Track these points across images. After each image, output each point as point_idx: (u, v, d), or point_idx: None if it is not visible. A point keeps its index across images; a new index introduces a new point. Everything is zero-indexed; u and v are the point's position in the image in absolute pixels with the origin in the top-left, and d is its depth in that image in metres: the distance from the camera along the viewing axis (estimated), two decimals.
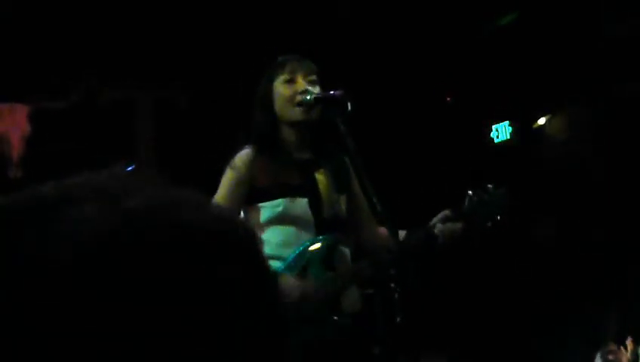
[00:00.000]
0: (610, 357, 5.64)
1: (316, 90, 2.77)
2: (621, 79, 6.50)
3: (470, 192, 2.81)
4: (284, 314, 0.59)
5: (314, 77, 2.81)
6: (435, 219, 2.80)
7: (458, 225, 2.77)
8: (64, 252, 0.50)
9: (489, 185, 2.84)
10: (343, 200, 2.87)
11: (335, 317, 2.69)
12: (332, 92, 2.72)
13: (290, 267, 2.71)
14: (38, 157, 6.12)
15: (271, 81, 2.83)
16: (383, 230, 2.91)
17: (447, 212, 2.80)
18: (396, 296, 2.49)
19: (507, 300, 7.11)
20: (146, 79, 6.42)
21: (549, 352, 6.75)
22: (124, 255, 0.51)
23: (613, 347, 5.64)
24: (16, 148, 6.13)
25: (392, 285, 2.51)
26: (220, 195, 2.75)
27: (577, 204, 6.92)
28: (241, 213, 2.82)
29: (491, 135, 7.65)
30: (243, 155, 2.80)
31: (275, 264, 2.71)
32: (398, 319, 2.47)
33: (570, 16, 6.36)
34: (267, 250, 2.71)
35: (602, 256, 6.70)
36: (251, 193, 2.77)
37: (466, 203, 2.81)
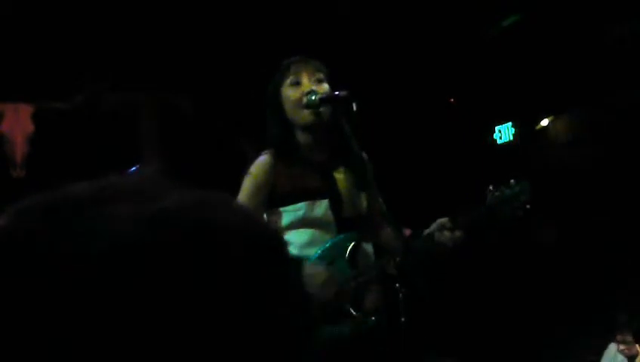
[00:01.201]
0: (622, 347, 5.63)
1: (323, 88, 2.76)
2: (623, 81, 6.50)
3: (491, 187, 2.79)
4: (308, 313, 0.59)
5: (320, 75, 2.80)
6: (432, 228, 2.77)
7: (457, 234, 2.75)
8: (99, 249, 0.51)
9: (511, 181, 2.81)
10: (364, 197, 2.87)
11: (360, 314, 2.70)
12: (336, 92, 2.71)
13: (315, 264, 2.72)
14: (41, 157, 6.14)
15: (278, 85, 2.83)
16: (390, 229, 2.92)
17: (444, 220, 2.77)
18: (401, 296, 2.49)
19: (511, 301, 7.11)
20: (150, 82, 6.42)
21: (552, 353, 6.75)
22: (157, 253, 0.52)
23: (629, 338, 5.61)
24: (19, 147, 6.15)
25: (397, 285, 2.51)
26: (241, 202, 2.75)
27: (579, 205, 6.92)
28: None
29: (494, 136, 7.65)
30: (261, 161, 2.79)
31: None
32: (403, 319, 2.47)
33: (573, 18, 6.36)
34: (291, 250, 2.73)
35: (604, 256, 6.70)
36: (272, 198, 2.77)
37: (488, 198, 2.80)
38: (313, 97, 2.73)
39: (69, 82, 6.19)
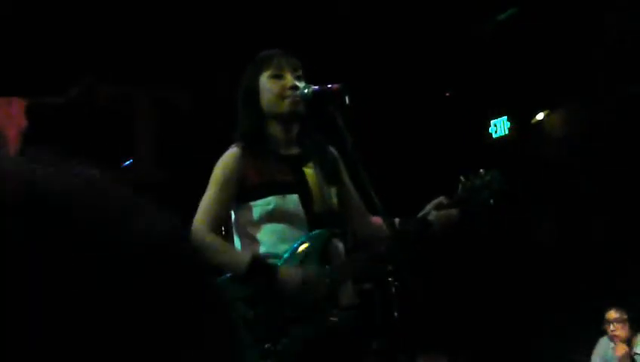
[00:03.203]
0: (612, 328, 5.58)
1: (302, 85, 2.76)
2: (620, 76, 6.49)
3: (462, 178, 2.82)
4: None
5: (299, 72, 2.81)
6: (428, 206, 2.80)
7: (453, 212, 2.78)
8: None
9: (480, 170, 2.84)
10: (333, 193, 2.86)
11: (335, 311, 2.68)
12: (330, 85, 2.70)
13: (286, 263, 2.70)
14: (35, 153, 6.10)
15: (256, 76, 2.81)
16: (376, 219, 2.91)
17: (441, 199, 2.81)
18: (393, 290, 2.48)
19: (506, 297, 7.11)
20: (145, 77, 6.40)
21: (548, 350, 6.76)
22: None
23: (624, 315, 5.56)
24: (12, 142, 6.13)
25: (390, 279, 2.50)
26: (210, 196, 2.73)
27: (575, 199, 6.91)
28: (232, 213, 2.80)
29: (489, 130, 7.64)
30: (230, 154, 2.78)
31: (271, 261, 2.70)
32: (396, 313, 2.47)
33: (569, 11, 6.35)
34: (262, 248, 2.72)
35: (601, 250, 6.70)
36: (242, 192, 2.75)
37: (459, 189, 2.82)
38: (306, 90, 2.72)
39: (64, 77, 6.16)
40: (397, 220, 2.78)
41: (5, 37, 5.59)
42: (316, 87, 2.74)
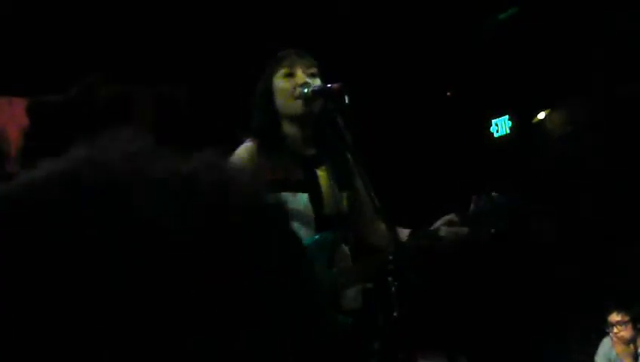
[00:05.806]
0: (616, 330, 5.57)
1: (316, 83, 2.75)
2: (621, 74, 6.49)
3: (475, 198, 2.78)
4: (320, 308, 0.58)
5: (314, 70, 2.80)
6: (439, 222, 2.76)
7: (464, 229, 2.74)
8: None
9: (493, 193, 2.80)
10: (345, 197, 2.85)
11: (337, 315, 2.66)
12: (329, 85, 2.70)
13: None
14: (37, 152, 6.12)
15: (270, 76, 2.81)
16: (400, 230, 2.89)
17: (452, 216, 2.76)
18: (393, 289, 2.47)
19: (506, 297, 7.11)
20: (145, 77, 6.40)
21: (548, 350, 6.75)
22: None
23: (626, 318, 5.55)
24: (14, 142, 6.12)
25: (390, 279, 2.49)
26: None
27: (576, 198, 6.91)
28: None
29: (491, 129, 7.64)
30: (244, 149, 2.77)
31: None
32: (395, 314, 2.46)
33: (569, 11, 6.35)
34: None
35: (602, 250, 6.69)
36: None
37: (471, 208, 2.78)
38: (306, 90, 2.71)
39: (64, 75, 6.16)
40: (406, 231, 2.76)
41: (5, 37, 5.59)
42: (316, 86, 2.74)
